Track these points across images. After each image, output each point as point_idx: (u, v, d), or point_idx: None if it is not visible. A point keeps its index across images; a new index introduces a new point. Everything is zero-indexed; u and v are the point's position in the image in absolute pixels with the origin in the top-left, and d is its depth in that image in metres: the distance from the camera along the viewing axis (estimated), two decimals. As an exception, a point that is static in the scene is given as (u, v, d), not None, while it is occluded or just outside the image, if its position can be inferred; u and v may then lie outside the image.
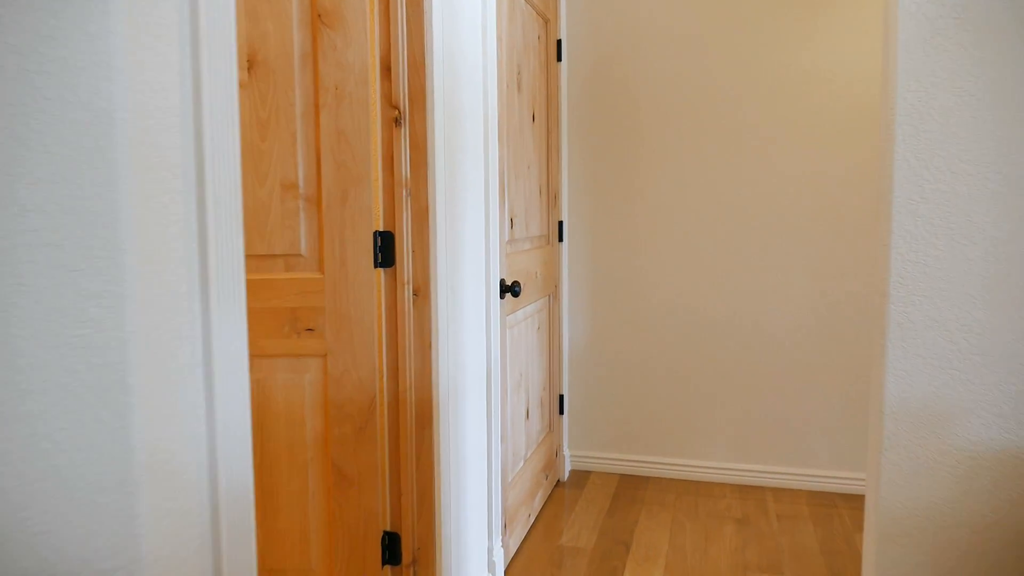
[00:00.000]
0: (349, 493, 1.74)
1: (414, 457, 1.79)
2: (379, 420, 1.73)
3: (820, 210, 2.82)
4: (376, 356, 1.71)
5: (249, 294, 1.72)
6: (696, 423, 3.03)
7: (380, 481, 1.74)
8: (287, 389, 1.74)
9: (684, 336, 3.00)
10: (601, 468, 3.16)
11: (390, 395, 1.76)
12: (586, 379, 3.14)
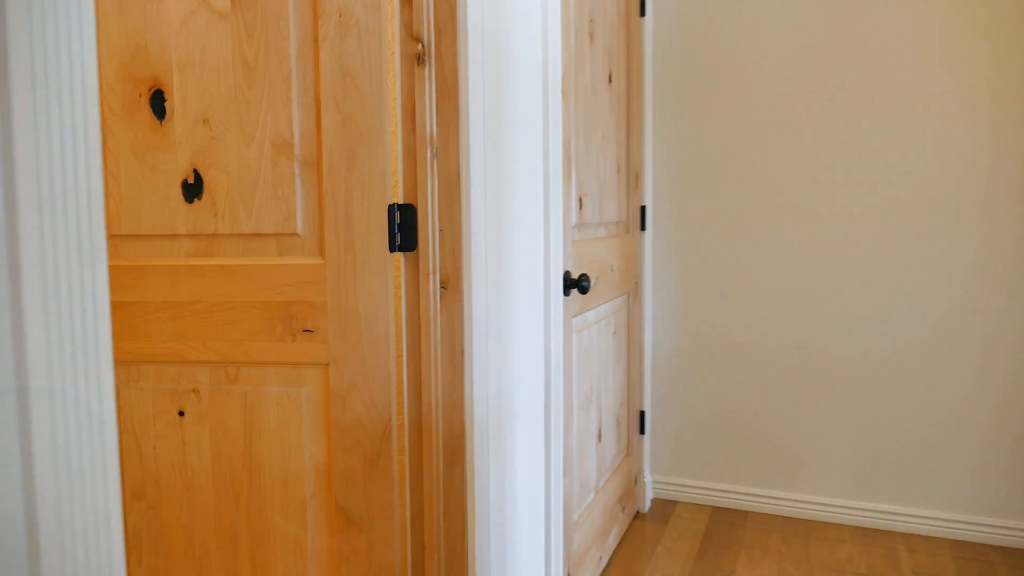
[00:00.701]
0: (357, 541, 1.35)
1: (441, 498, 1.38)
2: (396, 449, 1.33)
3: (958, 209, 2.25)
4: (393, 367, 1.31)
5: (233, 284, 1.34)
6: (807, 450, 2.50)
7: (397, 528, 1.34)
8: (280, 406, 1.36)
9: (793, 346, 2.49)
10: (689, 498, 2.67)
11: (411, 417, 1.36)
12: (673, 393, 2.66)
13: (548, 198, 1.65)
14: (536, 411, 1.63)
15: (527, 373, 1.58)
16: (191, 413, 1.38)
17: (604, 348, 2.22)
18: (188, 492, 1.40)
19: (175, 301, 1.36)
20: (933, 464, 2.36)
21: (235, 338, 1.35)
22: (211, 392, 1.37)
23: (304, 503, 1.37)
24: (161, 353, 1.37)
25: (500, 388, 1.45)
